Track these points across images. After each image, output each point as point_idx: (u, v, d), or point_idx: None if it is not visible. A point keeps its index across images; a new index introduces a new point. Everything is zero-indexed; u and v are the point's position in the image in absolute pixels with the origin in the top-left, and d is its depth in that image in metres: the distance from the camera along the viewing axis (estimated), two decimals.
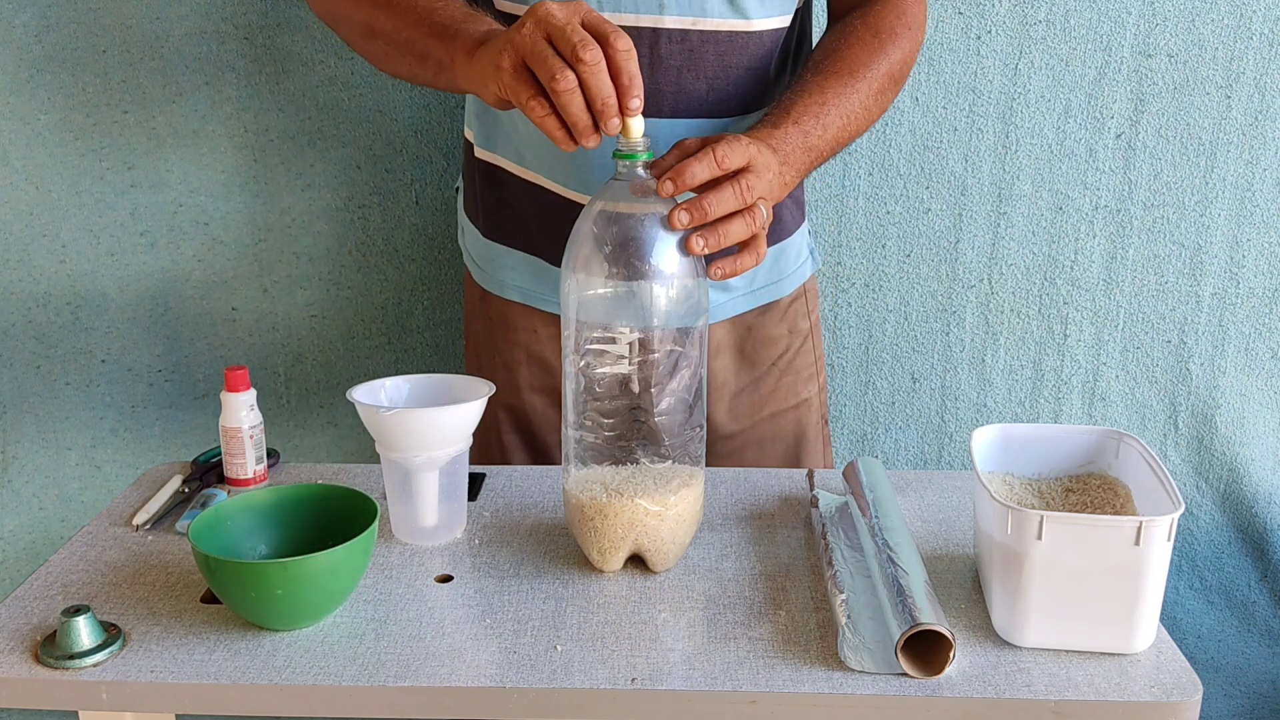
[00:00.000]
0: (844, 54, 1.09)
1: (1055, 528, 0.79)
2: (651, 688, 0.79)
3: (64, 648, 0.82)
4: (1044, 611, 0.81)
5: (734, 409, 1.26)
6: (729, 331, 1.23)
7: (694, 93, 1.10)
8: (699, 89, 1.10)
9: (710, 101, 1.11)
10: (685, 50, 1.08)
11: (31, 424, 1.68)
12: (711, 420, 1.24)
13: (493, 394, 1.00)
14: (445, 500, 1.00)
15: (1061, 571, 0.80)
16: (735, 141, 0.92)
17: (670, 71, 1.08)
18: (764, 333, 1.25)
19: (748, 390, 1.26)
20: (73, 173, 1.58)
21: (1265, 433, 1.70)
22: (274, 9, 1.52)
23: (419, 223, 1.62)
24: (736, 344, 1.24)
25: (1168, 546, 0.79)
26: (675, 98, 1.09)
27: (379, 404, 0.99)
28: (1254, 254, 1.63)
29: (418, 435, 0.95)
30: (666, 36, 1.07)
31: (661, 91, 1.08)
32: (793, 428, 1.29)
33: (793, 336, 1.28)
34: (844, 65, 1.08)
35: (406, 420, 0.95)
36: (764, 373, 1.26)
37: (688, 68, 1.08)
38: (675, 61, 1.08)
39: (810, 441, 1.31)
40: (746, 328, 1.24)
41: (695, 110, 1.10)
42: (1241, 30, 1.53)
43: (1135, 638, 0.81)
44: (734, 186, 0.91)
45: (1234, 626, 1.76)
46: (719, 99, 1.11)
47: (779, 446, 1.29)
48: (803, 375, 1.30)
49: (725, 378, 1.24)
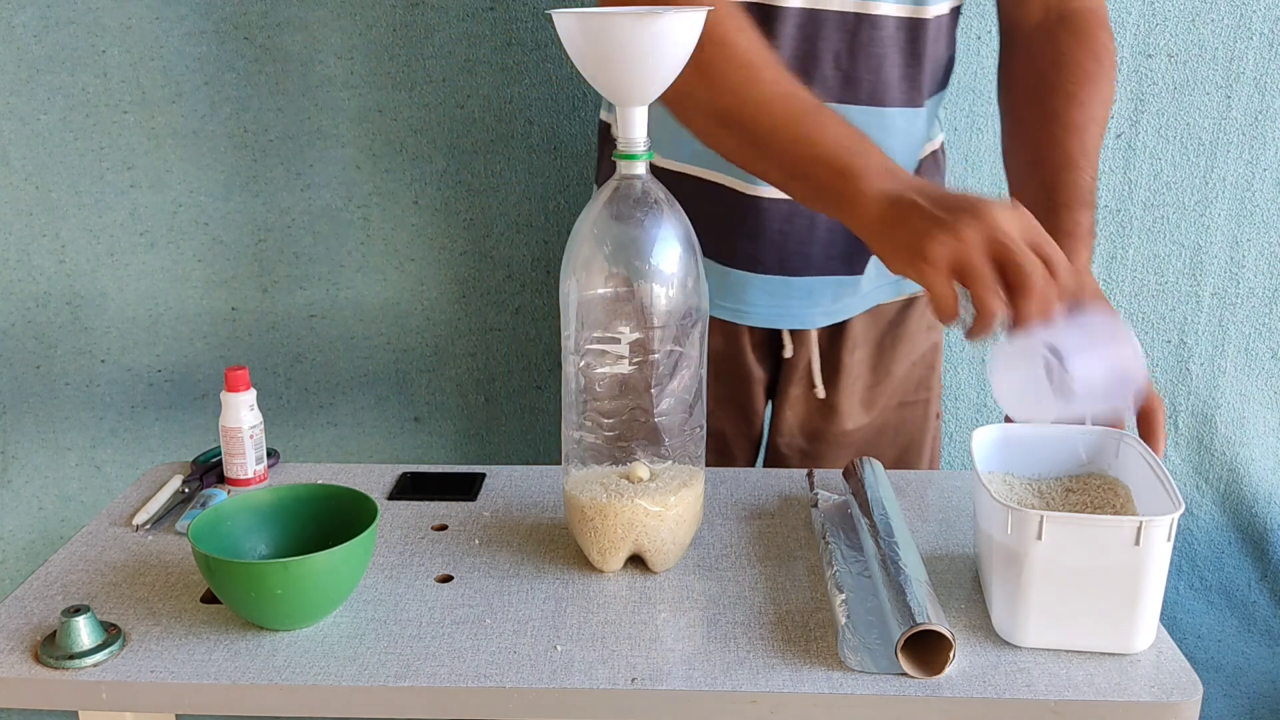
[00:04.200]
0: (1080, 99, 1.05)
1: (1055, 527, 0.79)
2: (651, 688, 0.79)
3: (64, 648, 0.82)
4: (1044, 611, 0.81)
5: (866, 400, 1.25)
6: (869, 325, 1.23)
7: (890, 80, 1.09)
8: (893, 76, 1.09)
9: (903, 90, 1.10)
10: (885, 37, 1.07)
11: (31, 424, 1.68)
12: (839, 409, 1.24)
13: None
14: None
15: (1061, 571, 0.80)
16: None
17: (871, 59, 1.07)
18: (906, 330, 1.25)
19: (882, 383, 1.26)
20: (73, 173, 1.58)
21: (1265, 433, 1.70)
22: (274, 9, 1.52)
23: (419, 223, 1.62)
24: (877, 338, 1.24)
25: (1167, 547, 0.79)
26: (873, 85, 1.08)
27: None
28: (1254, 254, 1.63)
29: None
30: (869, 23, 1.06)
31: (860, 79, 1.08)
32: (916, 421, 1.29)
33: (931, 333, 1.28)
34: (1087, 115, 1.04)
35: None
36: (900, 367, 1.26)
37: (887, 55, 1.07)
38: (876, 49, 1.07)
39: (928, 436, 1.31)
40: (888, 323, 1.23)
41: (891, 99, 1.09)
42: (1241, 30, 1.53)
43: (1135, 638, 0.81)
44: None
45: (1234, 626, 1.76)
46: (910, 86, 1.10)
47: (900, 437, 1.29)
48: (935, 371, 1.30)
49: (860, 371, 1.24)
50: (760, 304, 1.18)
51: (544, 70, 1.55)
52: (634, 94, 0.87)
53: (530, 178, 1.60)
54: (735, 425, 1.27)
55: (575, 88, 1.56)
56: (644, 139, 0.89)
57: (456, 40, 1.54)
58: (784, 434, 1.27)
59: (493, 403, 1.70)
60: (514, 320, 1.67)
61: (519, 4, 1.53)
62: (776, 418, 1.27)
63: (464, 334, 1.67)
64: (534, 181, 1.60)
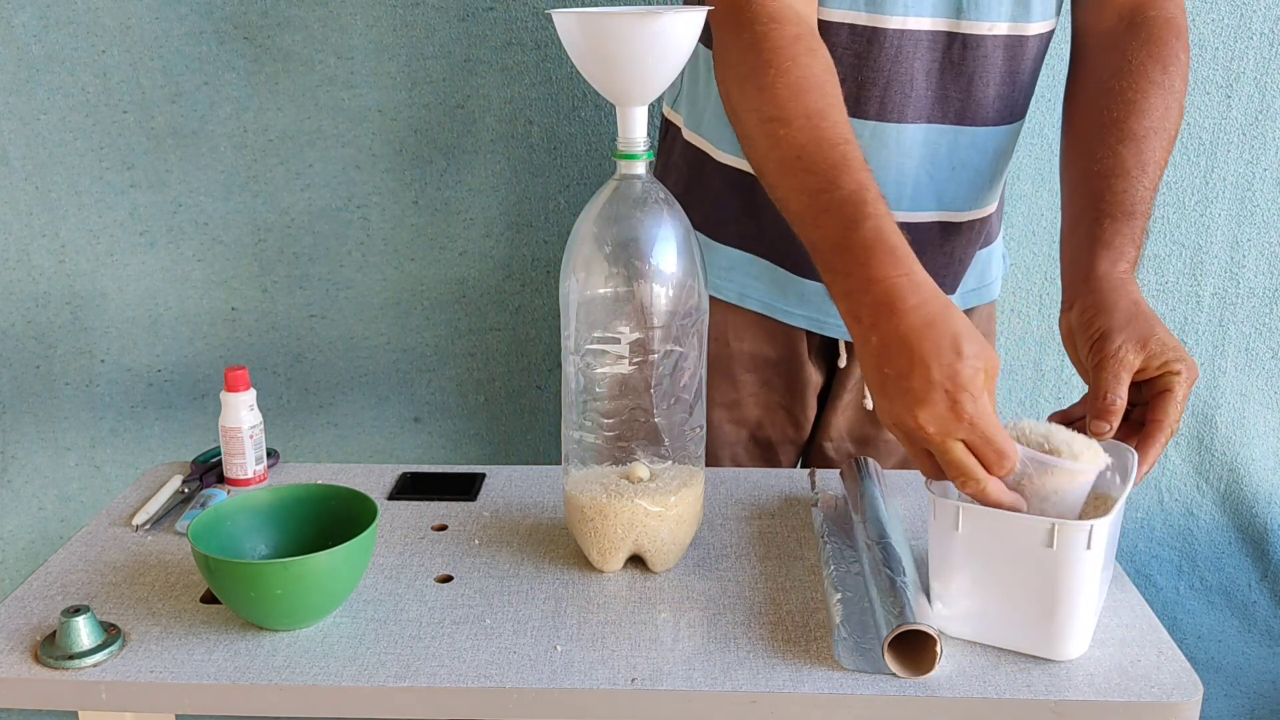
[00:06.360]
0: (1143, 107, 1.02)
1: (972, 520, 0.80)
2: (651, 688, 0.79)
3: (64, 648, 0.82)
4: (966, 603, 0.83)
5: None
6: None
7: (982, 100, 1.08)
8: (986, 96, 1.08)
9: (995, 109, 1.09)
10: (979, 56, 1.06)
11: (31, 424, 1.68)
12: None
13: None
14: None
15: (978, 565, 0.81)
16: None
17: (962, 78, 1.07)
18: None
19: None
20: (73, 173, 1.58)
21: (1265, 433, 1.70)
22: (274, 9, 1.52)
23: (419, 223, 1.62)
24: None
25: (1088, 555, 0.78)
26: (963, 104, 1.08)
27: None
28: (1254, 254, 1.63)
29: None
30: (961, 42, 1.05)
31: (950, 98, 1.07)
32: None
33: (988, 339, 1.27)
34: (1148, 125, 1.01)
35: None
36: None
37: (979, 74, 1.07)
38: (968, 68, 1.06)
39: None
40: None
41: (982, 118, 1.09)
42: (1241, 30, 1.53)
43: (1058, 643, 0.81)
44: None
45: (1234, 626, 1.76)
46: (1003, 105, 1.09)
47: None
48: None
49: None
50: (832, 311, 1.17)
51: (544, 70, 1.55)
52: (634, 94, 0.86)
53: (530, 178, 1.60)
54: (784, 433, 1.26)
55: (575, 88, 1.56)
56: (644, 139, 0.89)
57: (456, 40, 1.54)
58: (832, 438, 1.26)
59: (493, 403, 1.70)
60: (514, 320, 1.67)
61: (519, 4, 1.53)
62: (825, 422, 1.26)
63: (464, 334, 1.67)
64: (534, 181, 1.60)
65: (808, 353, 1.21)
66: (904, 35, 1.04)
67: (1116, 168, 0.99)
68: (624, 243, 0.88)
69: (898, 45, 1.04)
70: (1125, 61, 1.05)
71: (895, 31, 1.04)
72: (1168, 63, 1.04)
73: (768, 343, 1.20)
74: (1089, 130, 1.04)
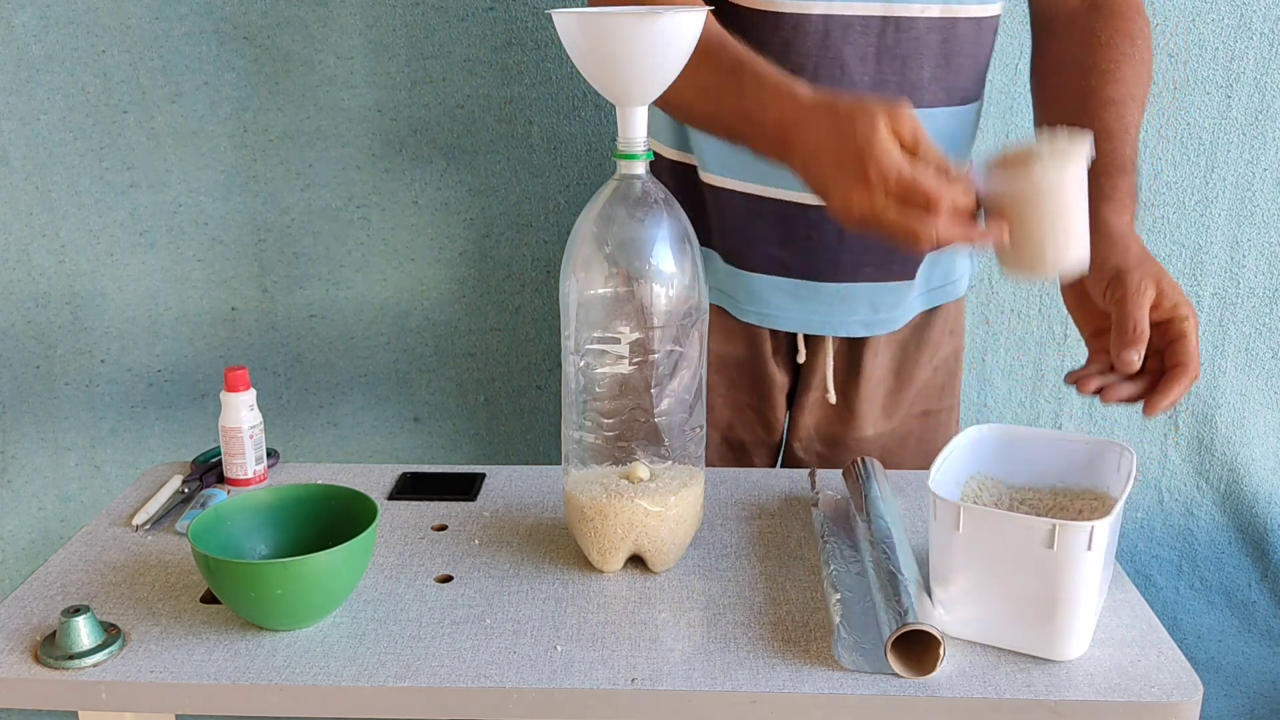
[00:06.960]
0: (1117, 76, 1.06)
1: (973, 520, 0.80)
2: (651, 688, 0.79)
3: (64, 648, 0.82)
4: (967, 604, 0.83)
5: (888, 406, 1.25)
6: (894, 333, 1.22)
7: (916, 81, 1.09)
8: (921, 78, 1.09)
9: (931, 91, 1.10)
10: (912, 39, 1.07)
11: (31, 424, 1.68)
12: (858, 414, 1.23)
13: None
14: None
15: (979, 565, 0.81)
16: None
17: (896, 60, 1.07)
18: (929, 336, 1.24)
19: (905, 389, 1.25)
20: (73, 173, 1.58)
21: (1265, 433, 1.70)
22: (274, 9, 1.52)
23: (419, 223, 1.62)
24: (900, 343, 1.23)
25: (1089, 556, 0.78)
26: (899, 87, 1.08)
27: None
28: (1254, 254, 1.63)
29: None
30: (894, 25, 1.06)
31: (887, 82, 1.08)
32: (941, 430, 1.28)
33: (953, 338, 1.27)
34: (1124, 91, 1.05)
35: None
36: (923, 373, 1.26)
37: (912, 56, 1.08)
38: (902, 50, 1.07)
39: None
40: (912, 328, 1.23)
41: (917, 100, 1.09)
42: (1241, 30, 1.53)
43: (1059, 644, 0.81)
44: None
45: (1234, 626, 1.76)
46: (939, 88, 1.10)
47: (924, 445, 1.28)
48: (956, 377, 1.30)
49: (882, 376, 1.23)
50: (787, 308, 1.18)
51: (544, 70, 1.55)
52: (634, 94, 0.86)
53: (530, 178, 1.60)
54: (754, 434, 1.27)
55: (575, 88, 1.56)
56: (644, 139, 0.89)
57: (456, 40, 1.54)
58: (801, 438, 1.26)
59: (492, 403, 1.70)
60: (514, 320, 1.67)
61: (519, 4, 1.53)
62: (794, 422, 1.26)
63: (464, 334, 1.67)
64: (534, 181, 1.60)
65: (771, 353, 1.22)
66: (830, 20, 1.05)
67: (1101, 130, 1.02)
68: (624, 243, 0.88)
69: (824, 30, 1.05)
70: (1094, 37, 1.09)
71: (820, 17, 1.05)
72: (1134, 36, 1.09)
73: (730, 341, 1.21)
74: (1067, 101, 1.08)
